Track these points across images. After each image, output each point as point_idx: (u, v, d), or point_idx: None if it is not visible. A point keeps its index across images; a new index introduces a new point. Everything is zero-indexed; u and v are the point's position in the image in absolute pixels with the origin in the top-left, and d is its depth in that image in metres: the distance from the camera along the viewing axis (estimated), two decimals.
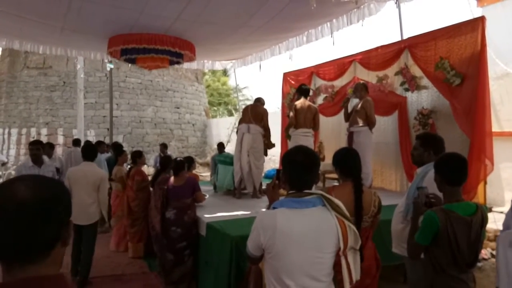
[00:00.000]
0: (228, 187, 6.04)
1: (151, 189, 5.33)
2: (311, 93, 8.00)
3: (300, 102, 5.75)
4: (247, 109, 5.71)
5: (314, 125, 5.80)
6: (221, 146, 8.11)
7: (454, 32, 5.00)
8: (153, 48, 6.05)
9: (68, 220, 0.92)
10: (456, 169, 2.13)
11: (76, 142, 9.07)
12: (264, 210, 1.73)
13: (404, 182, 6.06)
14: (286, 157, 1.77)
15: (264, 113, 5.61)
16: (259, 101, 5.81)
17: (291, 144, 5.62)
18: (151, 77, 16.07)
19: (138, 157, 5.64)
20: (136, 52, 6.17)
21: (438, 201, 2.25)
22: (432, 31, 5.38)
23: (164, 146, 8.68)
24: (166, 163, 5.01)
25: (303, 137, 5.60)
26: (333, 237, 1.63)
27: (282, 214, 1.61)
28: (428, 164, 2.67)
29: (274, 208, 1.65)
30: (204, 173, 14.00)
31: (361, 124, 5.64)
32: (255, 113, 5.60)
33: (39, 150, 4.47)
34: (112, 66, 9.75)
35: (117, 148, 7.46)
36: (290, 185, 1.71)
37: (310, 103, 5.98)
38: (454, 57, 4.98)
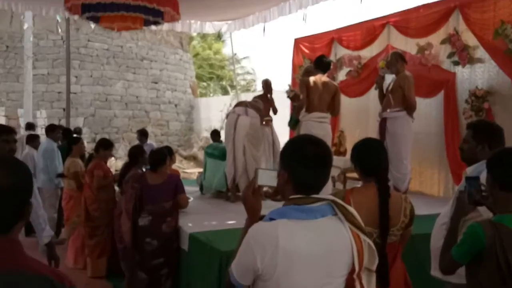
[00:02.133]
0: (218, 187, 6.06)
1: (117, 188, 5.35)
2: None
3: (315, 78, 5.74)
4: (244, 101, 6.24)
5: (333, 109, 5.80)
6: (215, 134, 8.08)
7: None
8: (123, 3, 6.03)
9: (29, 200, 1.34)
10: None
11: (30, 126, 9.13)
12: (257, 223, 1.68)
13: (449, 185, 6.07)
14: (290, 149, 1.75)
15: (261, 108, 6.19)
16: (256, 102, 6.32)
17: (302, 134, 5.62)
18: (121, 42, 16.02)
19: (103, 146, 5.61)
20: (101, 9, 6.14)
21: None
22: None
23: (142, 134, 8.48)
24: (136, 154, 5.02)
25: (317, 124, 5.60)
26: (347, 256, 1.63)
27: (284, 227, 1.58)
28: (482, 162, 2.66)
29: (271, 219, 1.62)
30: (189, 169, 14.04)
31: (397, 108, 5.59)
32: (252, 105, 6.01)
33: (16, 142, 3.49)
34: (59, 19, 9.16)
35: (67, 134, 7.44)
36: (295, 187, 1.68)
37: (329, 80, 5.98)
38: None
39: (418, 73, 6.16)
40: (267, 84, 7.47)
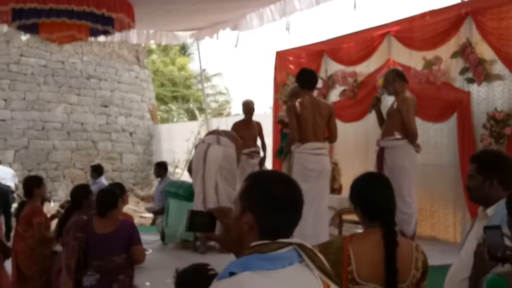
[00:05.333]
0: (184, 236, 6.02)
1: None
2: (320, 84, 8.08)
3: (302, 100, 5.75)
4: (216, 129, 6.44)
5: (330, 135, 5.80)
6: (161, 167, 8.30)
7: None
8: (65, 9, 6.04)
9: None
10: None
11: None
12: (215, 282, 1.67)
13: (467, 228, 6.10)
14: (256, 188, 1.77)
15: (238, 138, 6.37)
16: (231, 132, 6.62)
17: (294, 169, 5.61)
18: (63, 57, 15.97)
19: (36, 185, 5.53)
20: (37, 15, 6.13)
21: None
22: None
23: (96, 170, 8.72)
24: (80, 196, 4.95)
25: (312, 157, 5.56)
26: None
27: (250, 283, 1.59)
28: (501, 201, 2.68)
29: (231, 273, 1.62)
30: (147, 213, 13.85)
31: (396, 136, 5.70)
32: (226, 133, 6.20)
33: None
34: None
35: None
36: (262, 233, 1.71)
37: (320, 99, 6.00)
38: None
39: (426, 93, 6.29)
40: (248, 107, 7.53)
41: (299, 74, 5.90)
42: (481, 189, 2.76)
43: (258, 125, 7.68)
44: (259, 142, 7.69)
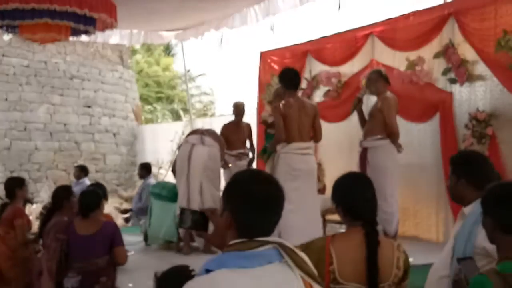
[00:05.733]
0: (167, 237, 6.01)
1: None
2: (304, 84, 8.11)
3: (287, 100, 5.76)
4: (199, 129, 6.47)
5: (315, 135, 5.85)
6: (143, 168, 8.32)
7: None
8: (47, 9, 6.00)
9: None
10: None
11: None
12: (192, 280, 1.71)
13: (450, 228, 6.15)
14: (235, 188, 1.79)
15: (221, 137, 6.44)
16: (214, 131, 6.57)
17: (279, 169, 5.61)
18: (45, 57, 15.84)
19: (18, 186, 5.53)
20: (19, 16, 6.09)
21: None
22: None
23: (83, 169, 8.76)
24: (61, 197, 4.92)
25: (299, 157, 5.58)
26: None
27: (225, 280, 1.60)
28: (478, 201, 2.72)
29: (207, 270, 1.65)
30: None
31: (378, 136, 5.75)
32: (209, 132, 6.17)
33: None
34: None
35: None
36: (240, 231, 1.73)
37: (305, 99, 6.00)
38: None
39: (409, 93, 6.34)
40: (238, 109, 7.53)
41: (282, 75, 5.94)
42: (456, 189, 2.87)
43: (248, 126, 7.69)
44: (248, 144, 7.70)
